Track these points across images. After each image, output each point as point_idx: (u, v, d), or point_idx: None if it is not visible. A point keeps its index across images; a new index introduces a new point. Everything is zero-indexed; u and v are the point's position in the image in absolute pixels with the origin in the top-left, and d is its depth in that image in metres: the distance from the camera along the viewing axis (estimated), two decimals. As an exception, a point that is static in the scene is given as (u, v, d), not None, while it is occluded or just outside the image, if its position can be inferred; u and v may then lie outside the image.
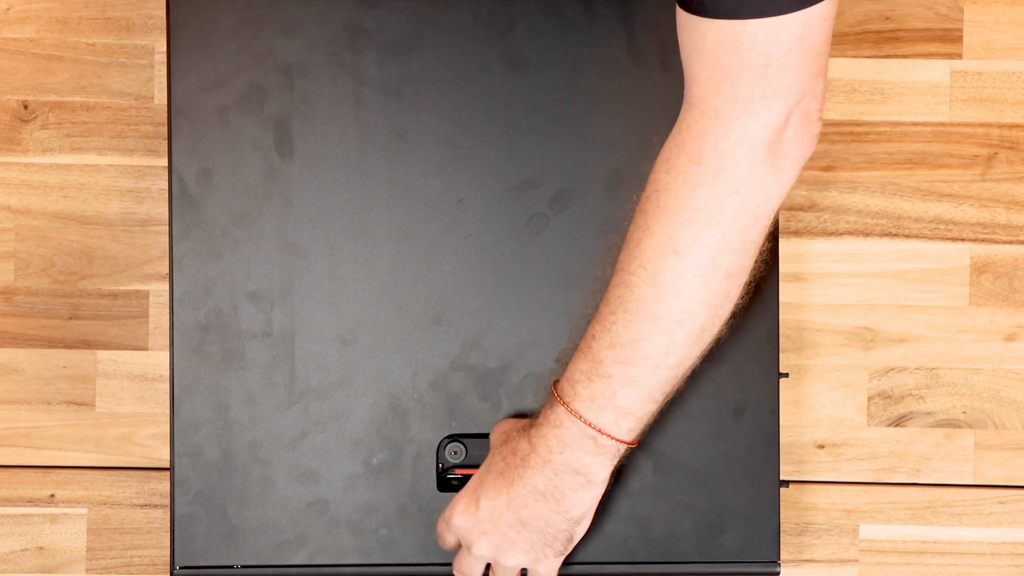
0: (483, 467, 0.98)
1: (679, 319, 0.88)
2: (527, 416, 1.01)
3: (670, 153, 0.88)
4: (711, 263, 0.87)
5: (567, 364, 0.94)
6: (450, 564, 1.01)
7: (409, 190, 1.01)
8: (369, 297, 1.01)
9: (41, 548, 1.26)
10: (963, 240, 1.27)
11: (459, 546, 1.00)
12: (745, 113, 0.85)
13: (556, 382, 0.95)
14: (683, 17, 0.85)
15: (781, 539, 1.23)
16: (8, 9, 1.28)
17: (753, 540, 1.02)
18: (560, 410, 0.92)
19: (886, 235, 1.27)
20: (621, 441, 0.92)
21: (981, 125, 1.27)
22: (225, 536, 1.01)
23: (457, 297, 1.01)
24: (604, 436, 0.92)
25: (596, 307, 0.92)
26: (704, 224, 0.86)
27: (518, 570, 0.98)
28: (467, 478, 1.01)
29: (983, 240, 1.27)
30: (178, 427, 1.01)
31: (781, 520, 1.09)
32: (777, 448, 1.02)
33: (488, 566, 0.99)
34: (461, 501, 0.97)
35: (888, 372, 1.27)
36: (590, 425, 0.92)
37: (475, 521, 0.96)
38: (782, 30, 0.82)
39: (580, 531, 0.97)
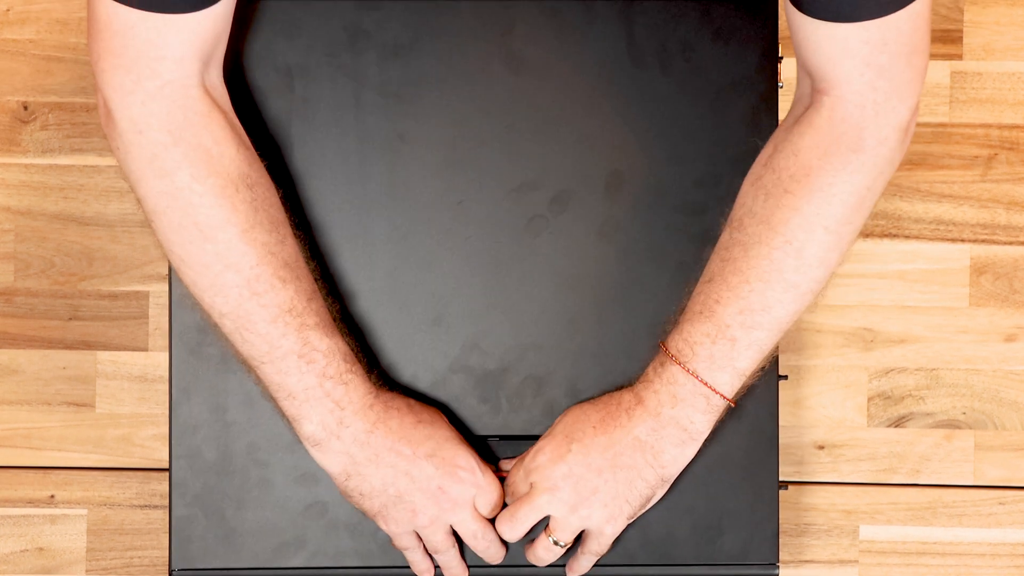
0: (566, 426, 0.98)
1: (813, 288, 0.95)
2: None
3: (821, 140, 0.92)
4: (852, 237, 0.95)
5: (677, 326, 0.97)
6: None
7: (409, 191, 1.01)
8: (368, 298, 1.01)
9: (41, 549, 1.26)
10: (963, 241, 1.27)
11: (525, 498, 0.98)
12: (900, 101, 0.91)
13: (665, 343, 0.97)
14: (816, 26, 0.90)
15: (781, 540, 1.23)
16: (8, 10, 1.28)
17: (752, 542, 1.02)
18: (675, 369, 0.95)
19: (886, 236, 1.27)
20: (729, 401, 0.96)
21: (981, 126, 1.27)
22: (223, 538, 1.01)
23: (457, 299, 1.01)
24: (717, 395, 0.95)
25: (708, 278, 0.96)
26: (856, 206, 0.93)
27: (580, 529, 0.98)
28: None
29: (983, 241, 1.27)
30: (176, 429, 1.01)
31: (781, 521, 1.09)
32: (776, 450, 1.02)
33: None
34: (547, 445, 0.98)
35: (888, 373, 1.27)
36: (706, 384, 0.95)
37: (563, 463, 0.96)
38: (918, 15, 0.88)
39: (659, 494, 0.98)
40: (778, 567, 1.01)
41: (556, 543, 0.98)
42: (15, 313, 1.27)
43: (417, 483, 0.96)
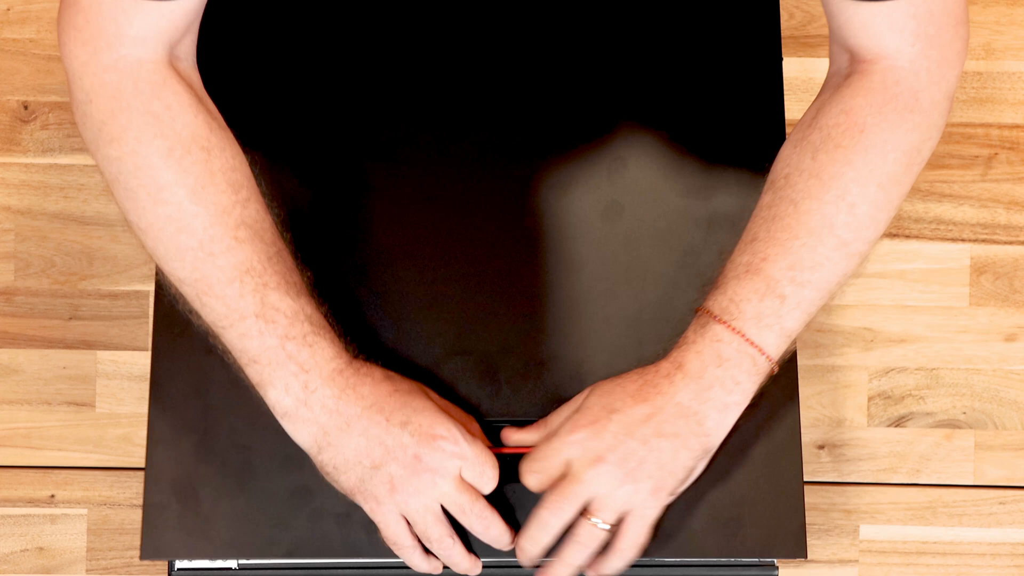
0: (600, 397, 0.93)
1: (861, 250, 0.93)
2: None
3: (875, 100, 0.93)
4: (899, 201, 0.94)
5: (719, 286, 0.94)
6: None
7: (408, 173, 1.00)
8: (359, 279, 0.99)
9: (41, 548, 1.26)
10: (963, 240, 1.27)
11: (568, 478, 0.93)
12: (950, 69, 0.93)
13: (705, 306, 0.94)
14: (858, 8, 0.91)
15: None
16: (8, 10, 1.28)
17: (778, 536, 0.97)
18: (719, 328, 0.92)
19: (886, 235, 1.27)
20: (774, 364, 0.93)
21: (981, 125, 1.27)
22: (197, 528, 0.96)
23: (456, 281, 1.00)
24: (763, 357, 0.92)
25: (751, 238, 0.94)
26: (908, 165, 0.93)
27: (624, 509, 0.92)
28: None
29: (983, 240, 1.27)
30: (154, 412, 0.97)
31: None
32: (799, 442, 0.98)
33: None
34: (582, 419, 0.92)
35: (888, 372, 1.27)
36: (752, 344, 0.92)
37: (606, 434, 0.91)
38: None
39: (700, 468, 0.95)
40: (776, 568, 1.00)
41: (598, 526, 0.91)
42: (15, 313, 1.27)
43: (392, 452, 0.91)
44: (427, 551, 0.95)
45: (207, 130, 0.92)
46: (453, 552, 0.94)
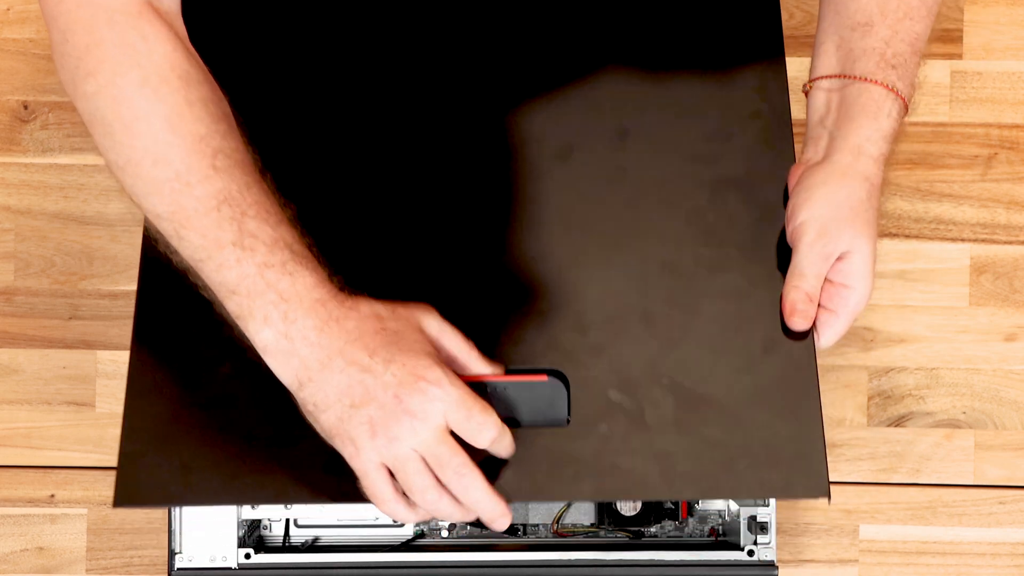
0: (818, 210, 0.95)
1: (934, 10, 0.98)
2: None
3: None
4: None
5: (830, 61, 0.98)
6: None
7: (415, 143, 0.99)
8: (354, 227, 0.96)
9: (41, 548, 1.26)
10: (963, 240, 1.27)
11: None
12: None
13: (818, 80, 0.98)
14: None
15: (780, 539, 1.23)
16: (8, 9, 1.28)
17: (799, 475, 0.92)
18: (879, 90, 0.96)
19: (886, 235, 1.27)
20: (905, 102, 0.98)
21: (981, 125, 1.27)
22: (174, 477, 0.90)
23: (460, 242, 0.97)
24: (900, 99, 0.96)
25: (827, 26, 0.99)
26: None
27: (839, 252, 0.96)
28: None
29: (983, 240, 1.27)
30: (134, 359, 0.94)
31: (780, 521, 1.08)
32: (816, 383, 0.95)
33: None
34: (800, 198, 0.97)
35: (888, 372, 1.27)
36: (889, 87, 0.96)
37: (844, 230, 0.95)
38: None
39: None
40: (777, 567, 1.00)
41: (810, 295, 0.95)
42: (15, 313, 1.27)
43: (372, 392, 0.86)
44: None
45: (185, 62, 0.89)
46: (440, 505, 0.88)
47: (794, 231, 0.96)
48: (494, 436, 0.88)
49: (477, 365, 0.91)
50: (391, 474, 0.87)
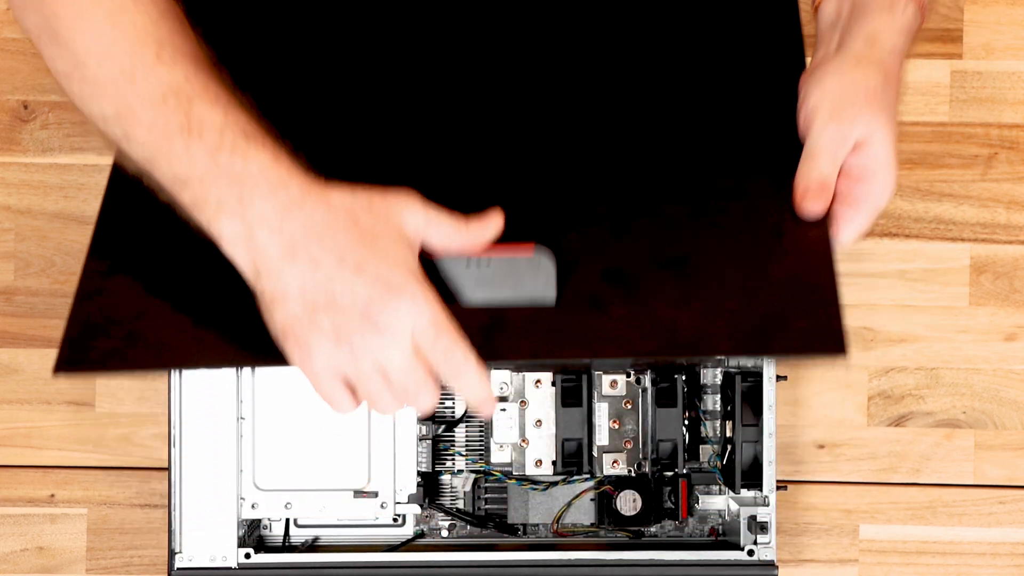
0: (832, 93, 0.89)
1: None
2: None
3: None
4: None
5: None
6: None
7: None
8: (361, 123, 0.95)
9: (41, 548, 1.26)
10: (963, 240, 1.27)
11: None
12: None
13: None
14: None
15: (780, 539, 1.23)
16: (8, 9, 1.28)
17: (816, 332, 0.85)
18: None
19: (886, 235, 1.27)
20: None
21: (981, 125, 1.27)
22: (127, 340, 0.86)
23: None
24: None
25: None
26: None
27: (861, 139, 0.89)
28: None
29: (983, 240, 1.27)
30: (101, 226, 0.91)
31: (780, 521, 1.08)
32: (829, 245, 0.89)
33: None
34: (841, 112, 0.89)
35: (888, 372, 1.27)
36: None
37: (862, 108, 0.88)
38: None
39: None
40: (777, 567, 1.00)
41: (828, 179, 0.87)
42: (15, 312, 1.27)
43: (337, 299, 0.80)
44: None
45: None
46: (398, 410, 0.84)
47: (806, 117, 0.89)
48: (460, 362, 0.82)
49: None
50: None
